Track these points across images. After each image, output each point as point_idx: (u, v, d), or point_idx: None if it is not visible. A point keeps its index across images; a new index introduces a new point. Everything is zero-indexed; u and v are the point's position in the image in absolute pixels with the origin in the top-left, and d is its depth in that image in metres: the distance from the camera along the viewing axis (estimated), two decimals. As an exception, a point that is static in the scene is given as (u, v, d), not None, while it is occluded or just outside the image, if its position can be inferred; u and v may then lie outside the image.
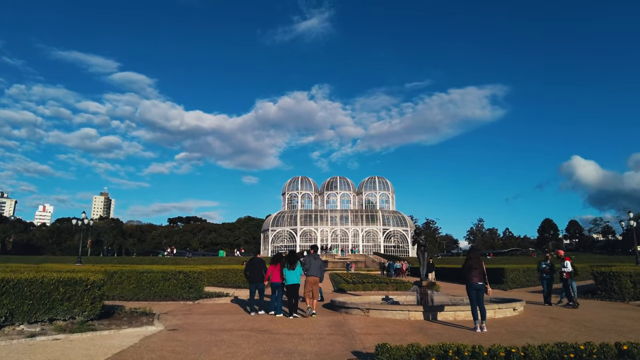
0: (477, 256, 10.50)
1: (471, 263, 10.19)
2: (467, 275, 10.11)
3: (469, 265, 10.18)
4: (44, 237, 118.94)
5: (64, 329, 8.91)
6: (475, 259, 10.31)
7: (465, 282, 10.17)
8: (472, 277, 10.03)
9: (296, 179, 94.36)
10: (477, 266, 10.14)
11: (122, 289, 16.92)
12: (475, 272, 10.08)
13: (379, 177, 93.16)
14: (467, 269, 10.18)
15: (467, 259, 10.46)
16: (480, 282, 10.02)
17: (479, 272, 10.10)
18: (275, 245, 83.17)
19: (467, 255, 10.72)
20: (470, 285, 9.99)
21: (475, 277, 10.03)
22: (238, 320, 11.25)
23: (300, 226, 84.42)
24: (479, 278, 10.03)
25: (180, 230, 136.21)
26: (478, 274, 10.07)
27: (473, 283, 9.98)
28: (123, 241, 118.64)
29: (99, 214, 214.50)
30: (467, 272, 10.15)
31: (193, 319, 11.52)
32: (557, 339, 8.48)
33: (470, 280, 10.03)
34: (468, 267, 10.18)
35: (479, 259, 10.36)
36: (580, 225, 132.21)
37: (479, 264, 10.19)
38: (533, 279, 27.01)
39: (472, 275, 10.05)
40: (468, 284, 10.07)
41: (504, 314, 11.69)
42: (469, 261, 10.29)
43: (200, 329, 9.83)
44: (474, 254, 10.56)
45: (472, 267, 10.10)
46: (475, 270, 10.09)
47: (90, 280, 9.94)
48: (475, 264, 10.15)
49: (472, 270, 10.08)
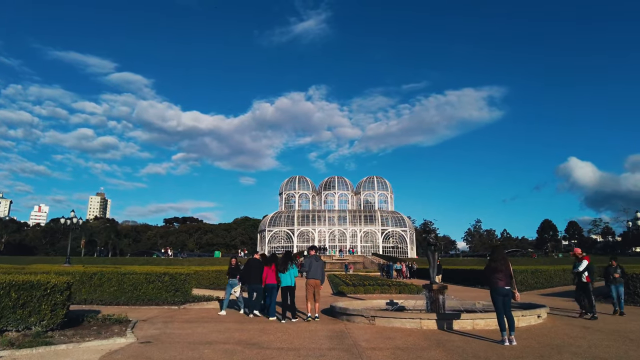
0: (504, 256, 9.00)
1: (496, 265, 8.71)
2: (492, 279, 8.66)
3: (494, 267, 8.71)
4: (37, 237, 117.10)
5: (12, 342, 7.44)
6: (501, 259, 8.81)
7: (490, 286, 8.73)
8: (498, 281, 8.58)
9: (293, 178, 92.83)
10: (503, 268, 8.69)
11: (102, 292, 15.46)
12: (501, 274, 8.62)
13: (378, 177, 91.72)
14: (491, 271, 8.73)
15: (491, 260, 8.95)
16: (507, 287, 8.62)
17: (506, 275, 8.67)
18: (272, 246, 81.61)
19: (491, 256, 9.17)
20: (496, 290, 8.54)
21: (501, 280, 8.58)
22: (224, 329, 9.80)
23: (298, 226, 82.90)
24: (505, 281, 8.59)
25: (176, 230, 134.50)
26: (504, 277, 8.63)
27: (499, 287, 8.55)
28: (118, 241, 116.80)
29: (95, 214, 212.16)
30: (491, 274, 8.70)
31: (173, 327, 10.07)
32: (605, 355, 7.10)
33: (495, 284, 8.58)
34: (492, 269, 8.72)
35: (505, 260, 8.86)
36: (579, 226, 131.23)
37: (506, 266, 8.75)
38: (541, 280, 25.76)
39: (498, 278, 8.60)
40: (493, 289, 8.62)
41: (528, 321, 10.27)
42: (494, 262, 8.80)
43: (179, 341, 8.37)
44: (500, 254, 9.02)
45: (497, 269, 8.65)
46: (500, 272, 8.63)
47: (50, 283, 8.50)
48: (501, 266, 8.70)
49: (497, 273, 8.63)
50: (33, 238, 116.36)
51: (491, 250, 9.29)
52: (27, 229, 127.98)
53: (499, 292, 8.54)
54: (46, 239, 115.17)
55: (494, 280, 8.61)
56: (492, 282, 8.65)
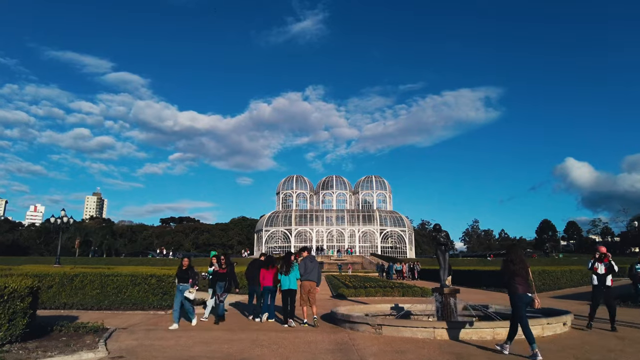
0: (522, 258, 7.75)
1: (515, 268, 7.50)
2: (511, 284, 7.50)
3: (512, 270, 7.52)
4: (31, 237, 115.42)
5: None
6: (520, 262, 7.60)
7: (510, 292, 7.57)
8: (518, 286, 7.43)
9: (291, 177, 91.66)
10: (522, 272, 7.52)
11: (84, 296, 14.32)
12: (521, 279, 7.47)
13: (376, 177, 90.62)
14: (509, 275, 7.56)
15: (510, 262, 7.67)
16: (529, 294, 7.50)
17: (525, 279, 7.54)
18: (269, 246, 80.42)
19: (507, 257, 7.82)
20: (520, 298, 7.38)
21: (521, 285, 7.43)
22: (211, 340, 8.65)
23: (295, 226, 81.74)
24: (524, 287, 7.46)
25: (173, 230, 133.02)
26: (524, 282, 7.50)
27: (522, 294, 7.39)
28: (113, 242, 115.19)
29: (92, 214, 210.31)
30: (510, 279, 7.55)
31: (155, 337, 8.92)
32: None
33: (516, 290, 7.43)
34: (511, 272, 7.53)
35: (524, 262, 7.66)
36: (578, 226, 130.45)
37: (525, 268, 7.59)
38: (548, 282, 24.72)
39: (517, 283, 7.44)
40: (515, 295, 7.46)
41: (554, 330, 9.16)
42: (512, 265, 7.57)
43: (156, 356, 7.21)
44: (518, 254, 7.77)
45: (516, 274, 7.48)
46: (519, 277, 7.47)
47: (8, 288, 7.33)
48: (521, 269, 7.52)
49: (515, 277, 7.47)
50: (27, 238, 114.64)
51: (506, 250, 8.05)
52: (21, 229, 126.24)
53: (524, 299, 7.39)
54: (40, 239, 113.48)
55: (515, 285, 7.46)
56: (513, 287, 7.48)
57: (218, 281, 11.67)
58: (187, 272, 10.67)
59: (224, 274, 11.68)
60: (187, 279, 10.56)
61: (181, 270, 10.72)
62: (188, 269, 10.71)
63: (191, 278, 10.63)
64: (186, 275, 10.61)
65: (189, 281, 10.55)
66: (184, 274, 10.62)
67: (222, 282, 11.59)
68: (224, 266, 11.79)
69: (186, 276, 10.59)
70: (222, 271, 11.71)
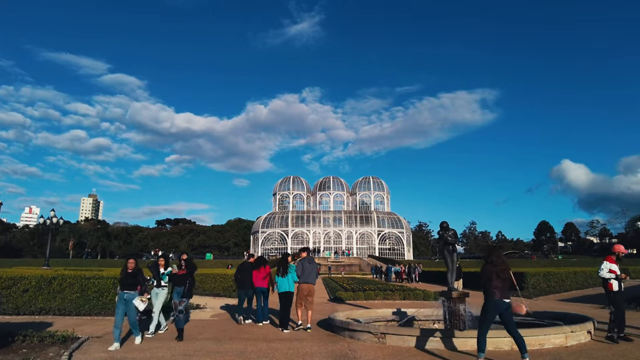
0: (504, 260, 6.86)
1: (495, 270, 6.65)
2: (488, 288, 6.63)
3: (491, 272, 6.65)
4: (24, 239, 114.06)
5: None
6: (501, 264, 6.72)
7: (486, 296, 6.69)
8: (495, 291, 6.56)
9: (288, 178, 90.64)
10: (502, 275, 6.63)
11: (63, 300, 13.30)
12: (499, 283, 6.60)
13: (374, 177, 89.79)
14: (487, 278, 6.67)
15: (488, 264, 6.83)
16: (506, 299, 6.59)
17: (505, 284, 6.65)
18: (266, 248, 79.39)
19: (488, 258, 6.97)
20: (494, 303, 6.54)
21: (499, 290, 6.56)
22: (193, 352, 7.63)
23: (292, 228, 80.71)
24: (502, 292, 6.58)
25: (168, 232, 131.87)
26: (502, 286, 6.61)
27: (498, 300, 6.53)
28: (107, 243, 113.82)
29: (87, 216, 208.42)
30: (487, 282, 6.66)
31: (129, 349, 7.90)
32: None
33: (493, 295, 6.56)
34: (489, 275, 6.66)
35: (505, 265, 6.76)
36: (576, 227, 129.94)
37: (506, 272, 6.68)
38: (553, 284, 23.80)
39: (495, 287, 6.57)
40: (490, 300, 6.59)
41: (578, 339, 8.18)
42: (491, 267, 6.72)
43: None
44: (499, 256, 6.90)
45: (495, 276, 6.61)
46: (498, 280, 6.60)
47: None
48: (502, 272, 6.63)
49: (493, 281, 6.60)
50: (21, 240, 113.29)
51: (487, 251, 7.14)
52: (15, 231, 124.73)
53: (498, 305, 6.54)
54: (34, 241, 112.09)
55: (491, 289, 6.59)
56: (489, 291, 6.61)
57: (176, 285, 9.90)
58: (135, 276, 8.39)
59: (183, 277, 9.83)
60: (134, 285, 8.35)
61: (126, 275, 8.42)
62: (136, 273, 8.44)
63: (140, 284, 8.46)
64: (133, 280, 8.37)
65: (137, 288, 8.37)
66: (131, 279, 8.36)
67: (181, 287, 9.75)
68: (184, 267, 10.08)
69: (133, 281, 8.36)
70: (182, 272, 9.90)
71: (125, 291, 8.29)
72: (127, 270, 8.45)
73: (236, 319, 11.71)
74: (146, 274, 9.35)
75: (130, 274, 8.40)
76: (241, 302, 11.94)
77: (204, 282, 22.99)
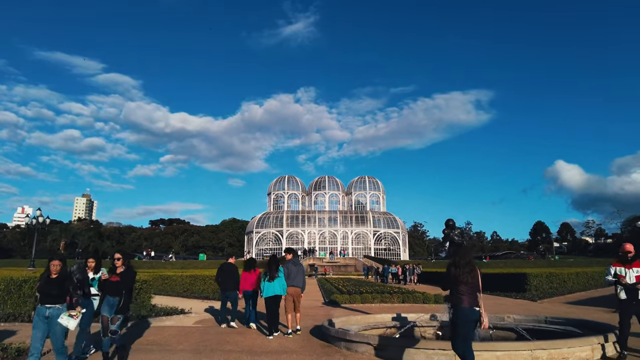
0: (471, 261, 5.65)
1: (458, 273, 5.49)
2: (453, 295, 5.53)
3: (456, 276, 5.50)
4: (15, 239, 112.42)
5: None
6: (466, 265, 5.54)
7: (452, 305, 5.55)
8: (462, 297, 5.44)
9: (283, 178, 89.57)
10: (468, 278, 5.46)
11: (31, 306, 12.19)
12: (466, 288, 5.46)
13: (369, 177, 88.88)
14: (452, 283, 5.56)
15: (451, 266, 5.67)
16: (476, 307, 5.46)
17: (472, 289, 5.49)
18: (260, 248, 78.33)
19: (453, 258, 5.80)
20: (463, 313, 5.40)
21: (467, 296, 5.43)
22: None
23: (287, 228, 79.65)
24: (470, 299, 5.44)
25: (162, 232, 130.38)
26: (471, 292, 5.47)
27: (467, 309, 5.40)
28: (100, 243, 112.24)
29: (81, 215, 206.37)
30: (452, 287, 5.56)
31: (94, 364, 6.89)
32: None
33: (460, 303, 5.43)
34: (453, 278, 5.54)
35: (472, 266, 5.58)
36: (572, 228, 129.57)
37: (473, 275, 5.51)
38: (555, 286, 22.93)
39: (461, 293, 5.46)
40: (458, 309, 5.45)
41: (605, 351, 7.21)
42: (455, 269, 5.56)
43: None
44: (465, 256, 5.67)
45: (460, 281, 5.46)
46: (464, 285, 5.46)
47: None
48: (466, 274, 5.47)
49: (459, 285, 5.48)
50: (11, 240, 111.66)
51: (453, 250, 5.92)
52: (5, 231, 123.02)
53: (469, 315, 5.40)
54: (25, 241, 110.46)
55: (458, 296, 5.47)
56: (455, 298, 5.49)
57: (107, 295, 6.89)
58: (61, 283, 5.95)
59: (116, 285, 6.86)
60: (61, 296, 5.93)
61: (48, 282, 5.94)
62: (62, 279, 5.98)
63: (69, 294, 6.03)
64: (58, 289, 5.92)
65: (65, 300, 5.97)
66: (55, 288, 5.90)
67: (115, 298, 6.80)
68: (119, 271, 6.96)
69: (58, 292, 5.91)
70: (115, 279, 6.91)
71: (46, 305, 5.85)
72: (51, 275, 5.95)
73: (221, 325, 10.94)
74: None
75: (54, 280, 5.92)
76: (224, 306, 11.37)
77: (193, 284, 22.03)
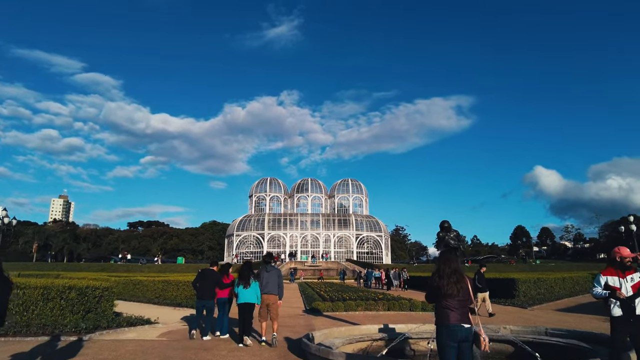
0: (457, 268, 4.66)
1: (442, 284, 4.56)
2: (438, 309, 4.62)
3: (439, 287, 4.58)
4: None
5: None
6: (452, 274, 4.58)
7: (436, 321, 4.62)
8: (449, 313, 4.50)
9: (264, 180, 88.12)
10: (454, 290, 4.51)
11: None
12: (453, 302, 4.52)
13: (352, 180, 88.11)
14: (435, 295, 4.67)
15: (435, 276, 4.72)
16: (466, 324, 4.47)
17: (462, 302, 4.55)
18: (241, 251, 76.67)
19: (438, 266, 4.80)
20: (448, 331, 4.44)
21: (455, 310, 4.49)
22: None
23: (268, 231, 78.18)
24: (460, 314, 4.49)
25: (140, 235, 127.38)
26: (459, 306, 4.52)
27: (453, 326, 4.44)
28: (75, 246, 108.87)
29: (57, 217, 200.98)
30: (437, 299, 4.64)
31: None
32: None
33: (445, 319, 4.50)
34: (436, 289, 4.62)
35: (459, 274, 4.61)
36: (551, 232, 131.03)
37: (461, 285, 4.55)
38: (543, 291, 22.32)
39: (447, 307, 4.52)
40: (442, 327, 4.50)
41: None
42: (439, 279, 4.62)
43: None
44: (450, 263, 4.70)
45: (445, 293, 4.52)
46: (450, 298, 4.52)
47: None
48: (453, 286, 4.52)
49: (445, 299, 4.55)
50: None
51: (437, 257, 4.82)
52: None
53: (456, 334, 4.41)
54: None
55: (443, 310, 4.54)
56: (440, 313, 4.57)
57: None
58: None
59: None
60: None
61: None
62: None
63: None
64: None
65: None
66: None
67: None
68: None
69: None
70: None
71: None
72: None
73: (191, 335, 9.87)
74: None
75: None
76: (199, 315, 10.49)
77: (166, 290, 20.65)
